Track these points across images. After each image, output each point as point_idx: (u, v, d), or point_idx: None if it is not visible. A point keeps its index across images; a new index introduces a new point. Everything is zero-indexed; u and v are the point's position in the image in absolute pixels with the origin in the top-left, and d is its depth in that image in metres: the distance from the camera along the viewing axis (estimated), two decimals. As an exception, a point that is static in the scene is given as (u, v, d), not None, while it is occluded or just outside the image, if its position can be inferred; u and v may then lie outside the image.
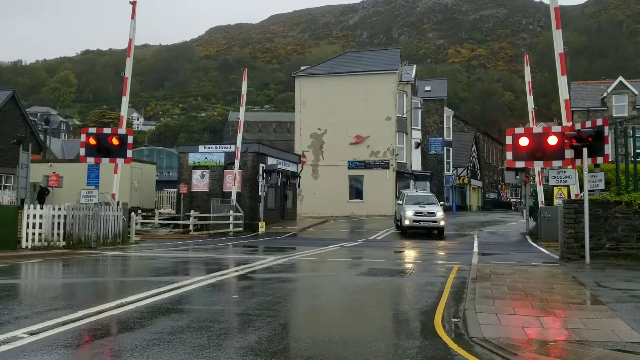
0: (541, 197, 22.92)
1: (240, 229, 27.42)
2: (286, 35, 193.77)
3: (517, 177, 25.47)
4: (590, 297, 8.06)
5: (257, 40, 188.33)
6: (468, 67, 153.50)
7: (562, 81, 16.13)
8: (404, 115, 45.67)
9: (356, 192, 44.51)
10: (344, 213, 42.46)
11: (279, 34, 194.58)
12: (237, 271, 11.36)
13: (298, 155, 36.30)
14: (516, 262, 13.60)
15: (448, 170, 54.98)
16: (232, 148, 28.98)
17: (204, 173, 30.40)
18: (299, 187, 36.55)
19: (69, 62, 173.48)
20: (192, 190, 30.24)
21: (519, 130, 14.77)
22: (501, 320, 6.51)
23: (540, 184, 23.37)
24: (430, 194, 28.51)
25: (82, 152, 16.55)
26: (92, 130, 16.90)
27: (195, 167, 30.49)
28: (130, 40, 21.75)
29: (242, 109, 29.05)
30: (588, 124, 13.63)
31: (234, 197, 27.92)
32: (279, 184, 31.94)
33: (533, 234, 24.36)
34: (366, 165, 44.03)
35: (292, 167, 34.52)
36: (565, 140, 13.65)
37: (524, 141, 14.35)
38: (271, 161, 30.64)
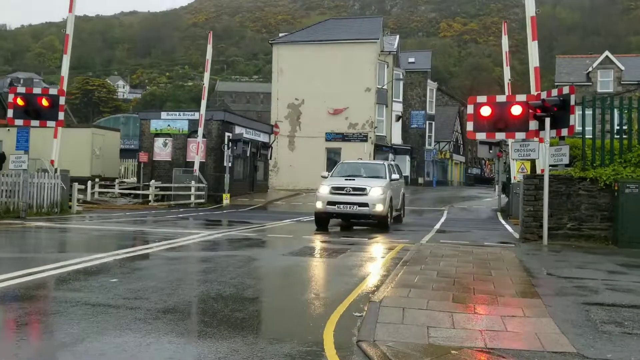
0: (514, 173, 21.83)
1: (203, 200, 26.20)
2: (277, 5, 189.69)
3: (491, 151, 24.33)
4: (528, 287, 6.90)
5: (247, 9, 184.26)
6: (459, 41, 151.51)
7: (533, 47, 14.82)
8: (384, 87, 44.21)
9: (333, 164, 43.19)
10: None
11: (269, 3, 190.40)
12: (151, 248, 10.13)
13: (270, 126, 34.89)
14: (469, 241, 12.46)
15: (430, 145, 53.83)
16: (197, 115, 27.54)
17: (167, 141, 28.98)
18: (270, 159, 35.21)
19: (54, 27, 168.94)
20: (154, 159, 28.86)
21: (481, 98, 13.49)
22: (406, 316, 5.33)
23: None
24: (381, 163, 17.47)
25: (10, 113, 15.09)
26: (21, 89, 15.43)
27: (158, 135, 29.05)
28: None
29: (207, 74, 27.53)
30: (554, 92, 12.37)
31: (196, 167, 26.64)
32: (248, 155, 30.63)
33: (505, 211, 23.37)
34: (344, 137, 42.72)
35: (263, 138, 33.15)
36: (530, 111, 12.43)
37: (485, 111, 13.11)
38: (238, 130, 29.23)
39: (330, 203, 14.52)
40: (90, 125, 37.01)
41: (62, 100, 15.30)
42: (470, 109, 13.40)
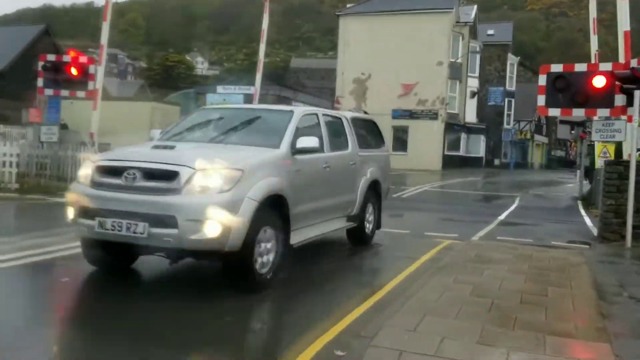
0: (596, 157, 19.05)
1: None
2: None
3: (573, 131, 21.59)
4: (595, 318, 4.99)
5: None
6: (548, 15, 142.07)
7: (623, 6, 12.21)
8: (459, 60, 41.24)
9: (400, 144, 41.05)
10: (385, 166, 39.33)
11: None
12: None
13: (331, 101, 33.23)
14: (534, 239, 10.38)
15: (508, 124, 50.18)
16: (252, 90, 26.33)
17: (222, 116, 28.06)
18: (331, 136, 33.62)
19: (138, 4, 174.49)
20: (209, 134, 28.04)
21: (556, 67, 11.20)
22: (399, 367, 3.68)
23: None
24: (288, 111, 7.09)
25: (40, 82, 14.42)
26: (51, 57, 14.70)
27: (214, 110, 28.18)
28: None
29: (262, 46, 26.08)
30: (648, 58, 9.94)
31: (250, 143, 25.55)
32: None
33: (586, 199, 20.63)
34: (412, 115, 40.37)
35: (323, 114, 31.57)
36: (616, 83, 10.07)
37: (561, 82, 10.87)
38: (296, 104, 27.79)
39: (87, 212, 5.41)
40: (150, 100, 36.94)
41: (93, 69, 14.44)
42: (542, 80, 11.16)
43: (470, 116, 44.94)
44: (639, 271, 7.48)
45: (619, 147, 12.59)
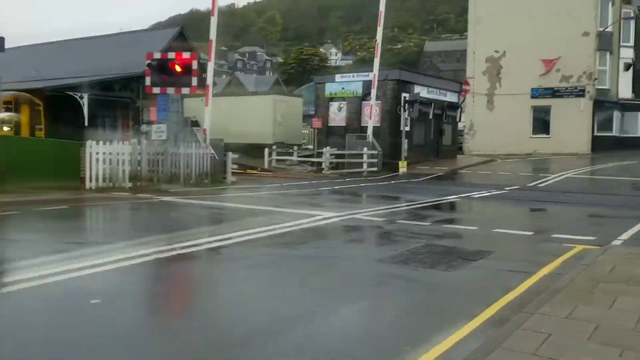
0: None
1: (376, 168, 24.00)
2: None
3: None
4: None
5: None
6: None
7: None
8: (608, 29, 36.28)
9: (541, 125, 37.26)
10: (524, 150, 35.99)
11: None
12: (210, 243, 8.03)
13: (459, 83, 30.83)
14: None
15: (673, 98, 43.40)
16: (371, 76, 25.16)
17: (341, 105, 27.21)
18: (460, 120, 31.23)
19: (276, 1, 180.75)
20: (329, 124, 27.39)
21: None
22: None
23: None
24: None
25: (147, 81, 14.55)
26: (157, 55, 14.75)
27: (332, 99, 27.41)
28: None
29: (380, 29, 24.87)
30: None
31: (370, 132, 24.50)
32: (431, 117, 27.37)
33: None
34: (555, 93, 36.35)
35: (450, 97, 29.39)
36: None
37: None
38: (417, 90, 26.08)
39: None
40: (271, 92, 37.19)
41: (195, 65, 14.24)
42: None
43: (625, 91, 39.42)
44: None
45: None
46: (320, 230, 9.37)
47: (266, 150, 25.79)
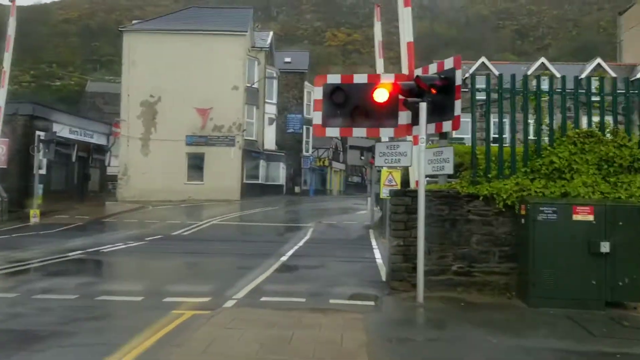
0: (380, 186, 18.09)
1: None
2: (158, 4, 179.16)
3: (362, 157, 20.63)
4: None
5: (125, 7, 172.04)
6: (344, 51, 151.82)
7: (405, 14, 10.90)
8: (255, 85, 39.66)
9: (196, 172, 37.81)
10: (179, 197, 35.69)
11: (150, 2, 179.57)
12: None
13: (108, 125, 28.84)
14: (311, 293, 8.08)
15: (307, 151, 50.08)
16: (-4, 108, 21.11)
17: (-43, 141, 22.17)
18: (109, 165, 29.13)
19: None
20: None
21: (333, 78, 9.31)
22: None
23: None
24: None
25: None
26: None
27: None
28: None
29: (8, 54, 21.22)
30: (433, 67, 8.40)
31: (-8, 174, 20.33)
32: (74, 160, 24.58)
33: (378, 227, 19.75)
34: (208, 141, 37.46)
35: (98, 139, 27.11)
36: (400, 97, 8.38)
37: (339, 96, 8.94)
38: (58, 128, 23.12)
39: None
40: None
41: None
42: (317, 93, 9.14)
43: (270, 143, 43.58)
44: (435, 348, 5.39)
45: (405, 174, 11.09)
46: None
47: None
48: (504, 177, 7.94)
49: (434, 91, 7.76)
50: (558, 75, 38.93)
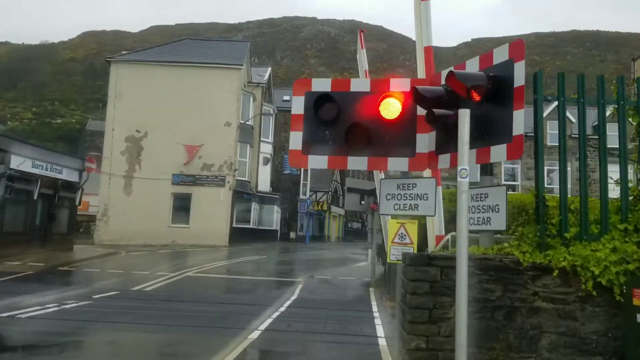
0: (388, 243, 14.89)
1: None
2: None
3: (363, 202, 17.60)
4: None
5: (131, 48, 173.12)
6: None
7: (423, 9, 8.09)
8: (249, 122, 37.07)
9: (182, 214, 34.82)
10: (163, 241, 32.60)
11: (156, 45, 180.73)
12: None
13: (81, 160, 25.95)
14: None
15: (304, 194, 47.13)
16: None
17: None
18: (79, 204, 26.07)
19: None
20: None
21: (320, 84, 6.38)
22: None
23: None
24: None
25: None
26: None
27: None
28: None
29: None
30: (472, 63, 5.42)
31: None
32: (36, 197, 21.62)
33: (380, 286, 16.60)
34: (196, 180, 34.66)
35: (68, 175, 24.16)
36: (420, 108, 5.44)
37: (329, 110, 6.02)
38: (18, 161, 20.24)
39: None
40: None
41: None
42: (297, 105, 6.23)
43: (264, 184, 40.71)
44: None
45: (424, 226, 7.80)
46: None
47: None
48: (589, 237, 4.88)
49: (476, 97, 4.81)
50: (574, 120, 36.36)
